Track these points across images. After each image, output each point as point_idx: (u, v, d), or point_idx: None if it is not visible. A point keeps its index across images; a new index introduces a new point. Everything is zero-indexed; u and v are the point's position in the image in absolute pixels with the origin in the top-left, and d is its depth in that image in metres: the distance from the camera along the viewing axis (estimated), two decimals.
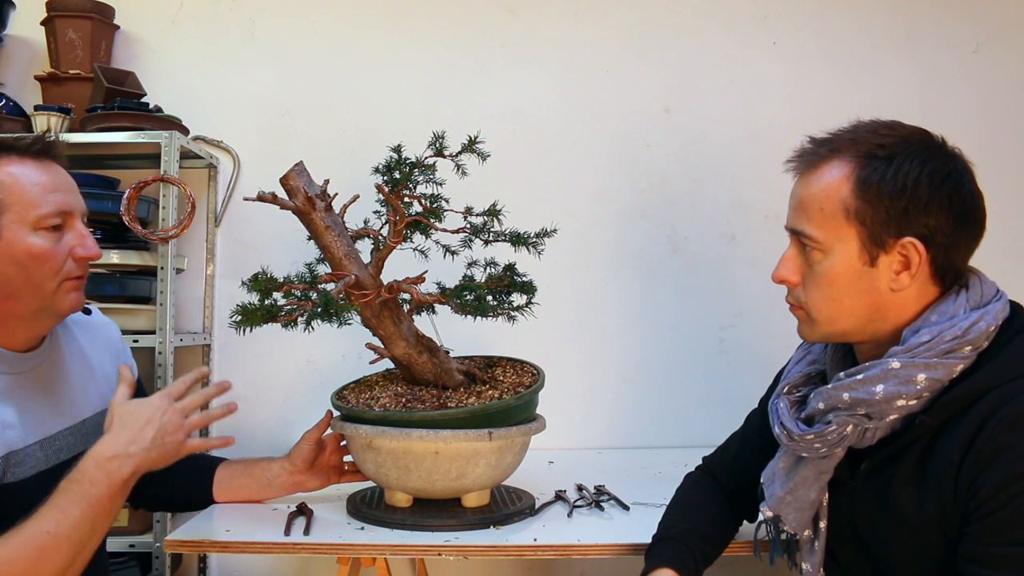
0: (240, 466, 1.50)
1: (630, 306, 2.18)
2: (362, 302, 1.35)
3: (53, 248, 1.17)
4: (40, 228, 1.16)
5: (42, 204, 1.16)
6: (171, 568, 1.99)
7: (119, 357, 1.42)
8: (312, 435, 1.49)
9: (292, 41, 2.20)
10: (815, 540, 1.11)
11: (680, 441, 2.13)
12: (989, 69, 2.17)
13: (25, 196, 1.16)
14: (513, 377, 1.49)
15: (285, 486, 1.49)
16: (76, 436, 1.27)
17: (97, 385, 1.35)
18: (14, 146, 1.19)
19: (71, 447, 1.25)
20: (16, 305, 1.17)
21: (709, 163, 2.18)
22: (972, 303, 0.98)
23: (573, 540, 1.30)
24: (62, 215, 1.19)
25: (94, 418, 1.31)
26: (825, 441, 1.02)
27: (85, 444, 1.23)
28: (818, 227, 1.01)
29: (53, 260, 1.17)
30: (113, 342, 1.44)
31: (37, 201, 1.16)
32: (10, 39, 2.17)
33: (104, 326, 1.44)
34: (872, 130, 1.01)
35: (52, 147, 1.22)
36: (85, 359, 1.34)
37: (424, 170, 1.41)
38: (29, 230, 1.16)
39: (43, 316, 1.21)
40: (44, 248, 1.16)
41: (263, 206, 1.35)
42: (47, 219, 1.17)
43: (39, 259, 1.16)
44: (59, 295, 1.19)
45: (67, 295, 1.20)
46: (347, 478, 1.55)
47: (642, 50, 2.20)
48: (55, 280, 1.18)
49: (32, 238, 1.16)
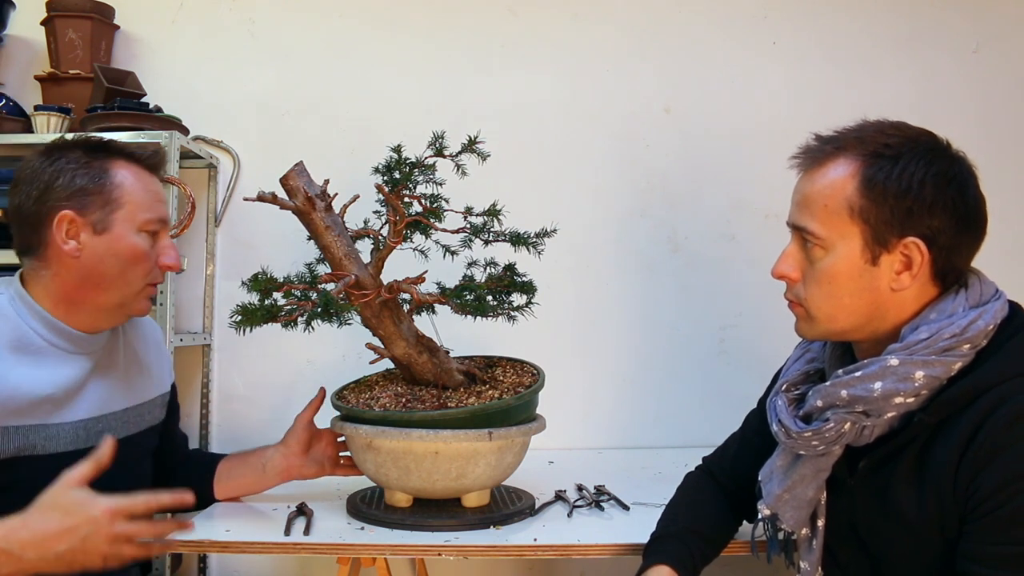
0: (237, 458, 1.53)
1: (630, 306, 2.18)
2: (362, 302, 1.36)
3: (149, 251, 1.27)
4: (143, 231, 1.26)
5: (150, 210, 1.27)
6: (171, 568, 1.99)
7: (162, 355, 1.49)
8: (305, 415, 1.52)
9: (292, 41, 2.20)
10: (813, 539, 1.11)
11: (680, 441, 2.13)
12: (989, 69, 2.17)
13: (138, 199, 1.26)
14: (513, 377, 1.49)
15: (280, 470, 1.50)
16: (117, 422, 1.32)
17: (144, 378, 1.41)
18: (133, 153, 1.29)
19: (110, 431, 1.29)
20: (100, 296, 1.25)
21: (709, 163, 2.18)
22: (971, 302, 0.99)
23: (573, 540, 1.30)
24: (161, 223, 1.30)
25: (135, 408, 1.37)
26: (823, 439, 1.02)
27: (124, 431, 1.32)
28: (821, 224, 1.01)
29: (147, 261, 1.27)
30: (158, 341, 1.51)
31: (146, 206, 1.27)
32: (10, 39, 2.17)
33: (151, 325, 1.50)
34: (879, 129, 1.01)
35: (161, 163, 1.34)
36: (136, 353, 1.41)
37: (424, 170, 1.41)
38: (135, 230, 1.25)
39: (118, 313, 1.29)
40: (144, 249, 1.26)
41: (263, 206, 1.35)
42: (151, 224, 1.27)
43: (138, 258, 1.26)
44: (139, 297, 1.29)
45: (144, 299, 1.30)
46: (342, 471, 1.55)
47: (642, 50, 2.20)
48: (143, 281, 1.28)
49: (136, 238, 1.26)
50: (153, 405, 1.42)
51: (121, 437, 1.27)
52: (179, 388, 1.57)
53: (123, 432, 1.32)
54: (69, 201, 1.21)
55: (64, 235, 1.21)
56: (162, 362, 1.48)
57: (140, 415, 1.38)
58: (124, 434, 1.31)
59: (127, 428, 1.34)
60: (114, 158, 1.26)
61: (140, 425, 1.38)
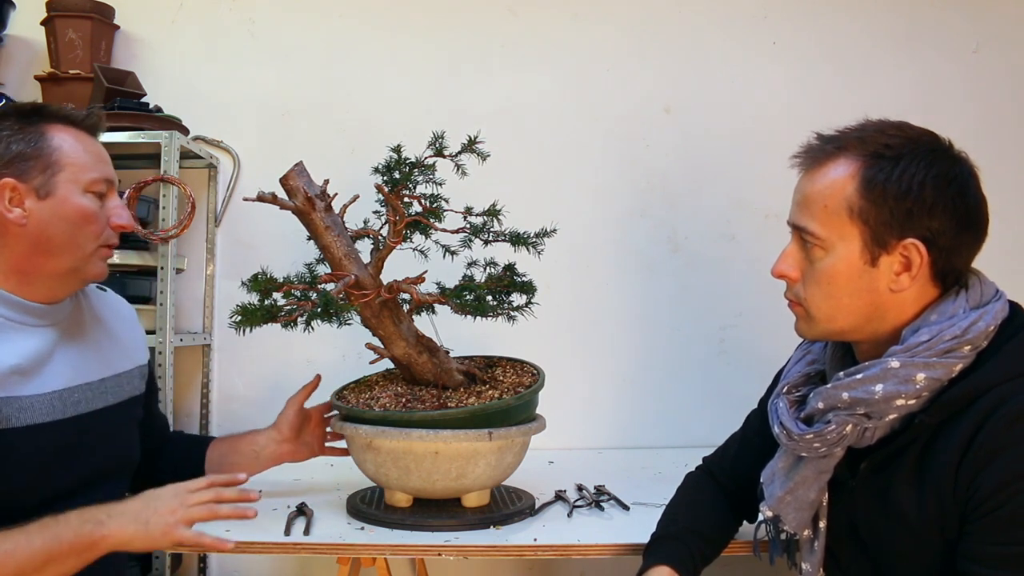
0: (228, 443, 1.53)
1: (630, 306, 2.18)
2: (362, 302, 1.36)
3: (98, 211, 1.24)
4: (89, 191, 1.23)
5: (93, 169, 1.24)
6: (171, 568, 1.99)
7: (135, 329, 1.46)
8: (297, 399, 1.52)
9: (292, 41, 2.20)
10: (815, 540, 1.11)
11: (680, 441, 2.13)
12: (989, 69, 2.17)
13: (79, 160, 1.23)
14: (513, 377, 1.49)
15: (273, 457, 1.51)
16: (94, 392, 1.30)
17: (116, 348, 1.38)
18: (68, 115, 1.25)
19: (88, 401, 1.28)
20: (52, 262, 1.22)
21: (709, 163, 2.18)
22: (971, 303, 0.98)
23: (573, 540, 1.30)
24: (107, 183, 1.26)
25: (113, 378, 1.34)
26: (824, 441, 1.02)
27: (103, 401, 1.30)
28: (821, 224, 1.00)
29: (97, 222, 1.24)
30: (129, 315, 1.48)
31: (89, 166, 1.24)
32: (10, 39, 2.17)
33: (119, 302, 1.48)
34: (880, 130, 1.01)
35: (100, 123, 1.29)
36: (104, 323, 1.38)
37: (424, 170, 1.41)
38: (80, 191, 1.22)
39: (71, 278, 1.26)
40: (92, 209, 1.23)
41: (263, 206, 1.35)
42: (96, 184, 1.24)
43: (87, 219, 1.23)
44: (93, 259, 1.25)
45: (99, 261, 1.27)
46: (328, 451, 1.56)
47: (642, 50, 2.20)
48: (95, 243, 1.24)
49: (82, 199, 1.22)
50: (131, 376, 1.39)
51: (102, 407, 1.27)
52: (179, 388, 1.57)
53: (103, 402, 1.30)
54: (8, 168, 1.18)
55: (7, 203, 1.18)
56: (135, 336, 1.45)
57: (119, 385, 1.35)
58: (104, 404, 1.30)
59: (106, 398, 1.31)
60: (48, 122, 1.23)
61: (120, 395, 1.35)
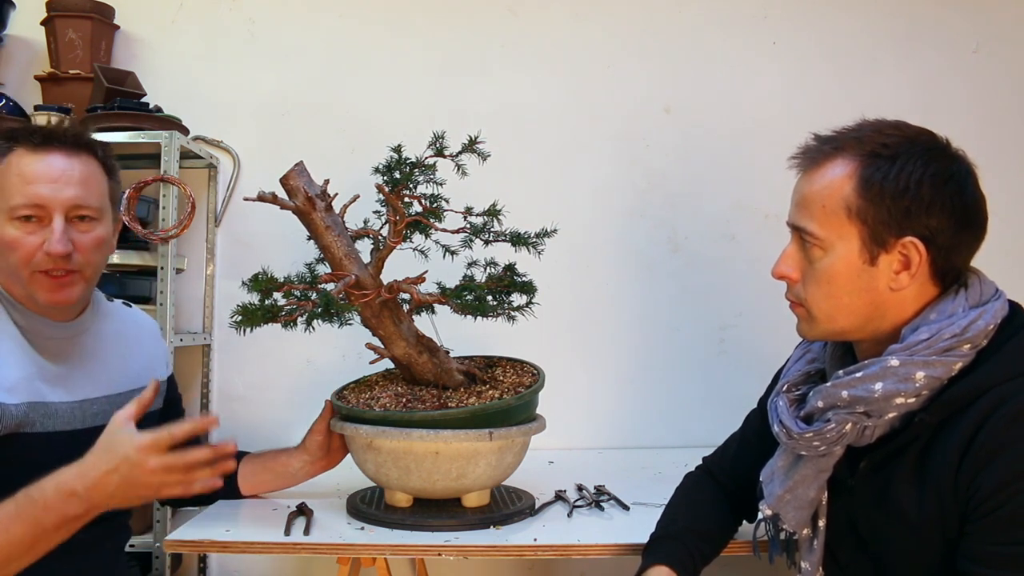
0: (259, 462, 1.53)
1: (630, 306, 2.18)
2: (362, 302, 1.36)
3: (23, 238, 1.20)
4: (13, 218, 1.20)
5: (16, 195, 1.19)
6: (171, 568, 1.99)
7: (158, 346, 1.47)
8: (322, 426, 1.51)
9: (292, 41, 2.20)
10: (814, 539, 1.11)
11: (680, 441, 2.13)
12: (989, 69, 2.18)
13: (6, 186, 1.20)
14: (513, 377, 1.49)
15: (308, 475, 1.53)
16: (112, 405, 1.28)
17: (137, 362, 1.39)
18: (18, 136, 1.23)
19: (106, 414, 1.26)
20: (11, 288, 1.23)
21: (709, 163, 2.18)
22: (971, 302, 0.99)
23: (573, 540, 1.30)
24: (34, 208, 1.20)
25: (130, 393, 1.33)
26: (824, 439, 1.02)
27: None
28: (819, 224, 1.01)
29: (21, 250, 1.20)
30: (153, 331, 1.49)
31: (13, 192, 1.19)
32: (10, 39, 2.17)
33: (143, 318, 1.49)
34: (877, 129, 1.01)
35: (53, 136, 1.23)
36: (125, 338, 1.38)
37: (424, 170, 1.41)
38: (5, 219, 1.20)
39: (33, 302, 1.24)
40: (13, 237, 1.20)
41: (263, 206, 1.35)
42: (17, 210, 1.19)
43: (9, 247, 1.20)
44: (33, 286, 1.22)
45: (40, 287, 1.22)
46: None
47: (642, 50, 2.20)
48: (26, 270, 1.21)
49: (6, 227, 1.20)
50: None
51: None
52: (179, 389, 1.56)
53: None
54: None
55: None
56: (157, 351, 1.46)
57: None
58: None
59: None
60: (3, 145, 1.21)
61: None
